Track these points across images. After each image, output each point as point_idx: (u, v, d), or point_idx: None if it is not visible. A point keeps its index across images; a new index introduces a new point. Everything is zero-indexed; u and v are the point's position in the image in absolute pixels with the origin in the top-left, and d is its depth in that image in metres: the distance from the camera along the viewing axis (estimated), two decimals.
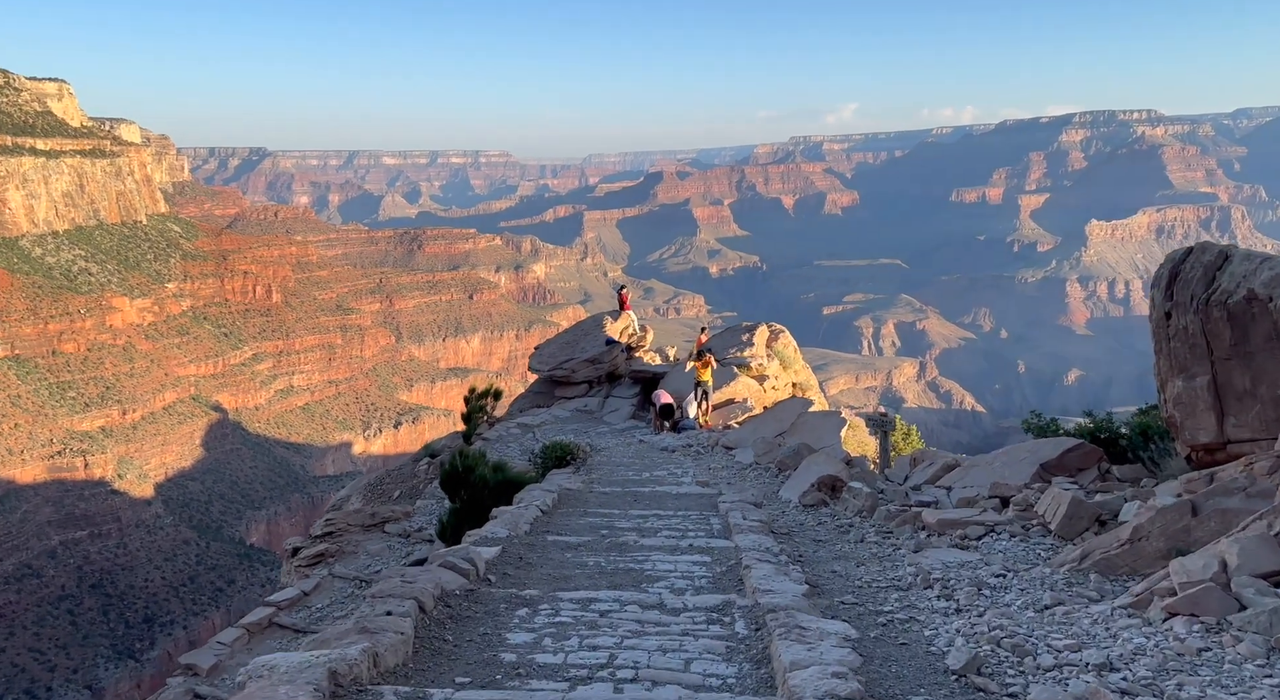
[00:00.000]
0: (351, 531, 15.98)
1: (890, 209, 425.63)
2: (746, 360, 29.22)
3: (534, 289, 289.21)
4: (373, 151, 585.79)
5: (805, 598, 6.31)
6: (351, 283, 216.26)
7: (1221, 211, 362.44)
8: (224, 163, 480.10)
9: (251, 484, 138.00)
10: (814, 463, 14.07)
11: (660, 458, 19.35)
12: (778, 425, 20.42)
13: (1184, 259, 9.44)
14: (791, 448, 16.01)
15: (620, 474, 16.74)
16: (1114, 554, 6.31)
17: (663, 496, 13.36)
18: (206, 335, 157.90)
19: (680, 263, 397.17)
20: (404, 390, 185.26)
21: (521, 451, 21.61)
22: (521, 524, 9.95)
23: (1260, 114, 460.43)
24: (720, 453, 19.18)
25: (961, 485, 11.74)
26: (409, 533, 15.85)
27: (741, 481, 15.61)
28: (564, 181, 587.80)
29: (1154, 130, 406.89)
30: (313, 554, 15.24)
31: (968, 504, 10.35)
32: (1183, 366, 8.92)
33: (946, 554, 7.88)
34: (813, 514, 12.16)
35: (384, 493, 23.15)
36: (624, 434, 24.21)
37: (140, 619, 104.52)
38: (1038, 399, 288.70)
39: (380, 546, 15.22)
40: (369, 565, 14.53)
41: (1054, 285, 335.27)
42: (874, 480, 13.34)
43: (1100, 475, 10.53)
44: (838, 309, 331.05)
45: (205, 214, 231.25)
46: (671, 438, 21.97)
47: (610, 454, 19.92)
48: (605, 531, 9.97)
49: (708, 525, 10.55)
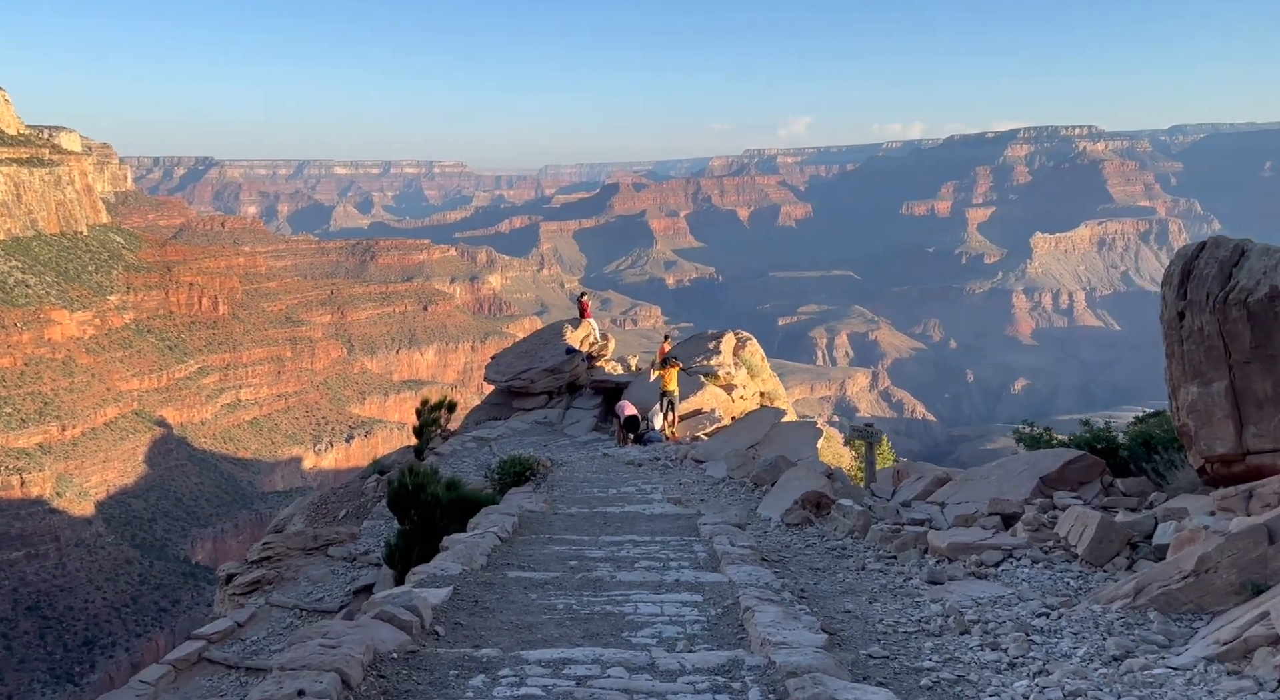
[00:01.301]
0: (291, 556, 15.02)
1: (842, 221, 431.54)
2: (713, 369, 28.33)
3: (490, 300, 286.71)
4: (324, 161, 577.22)
5: (826, 651, 5.37)
6: (301, 294, 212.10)
7: (1159, 224, 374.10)
8: (169, 172, 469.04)
9: (197, 501, 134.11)
10: (794, 477, 13.32)
11: (626, 472, 18.42)
12: (750, 436, 19.70)
13: (1197, 255, 8.80)
14: (768, 461, 15.20)
15: (585, 491, 15.69)
16: (1175, 588, 5.50)
17: (635, 518, 12.28)
18: (150, 348, 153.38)
19: (637, 274, 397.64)
20: (356, 403, 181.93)
21: (477, 467, 20.68)
22: (477, 556, 8.74)
23: (1194, 130, 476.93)
24: (690, 466, 18.33)
25: (955, 501, 11.09)
26: (354, 556, 15.02)
27: (716, 498, 14.75)
28: (520, 192, 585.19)
29: (1095, 145, 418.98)
30: (248, 581, 14.34)
31: (965, 522, 9.74)
32: (1198, 371, 8.33)
33: (971, 587, 7.10)
34: (798, 534, 11.31)
35: (329, 512, 22.08)
36: (587, 447, 23.23)
37: (79, 642, 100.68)
38: (986, 408, 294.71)
39: (323, 572, 14.37)
40: (310, 592, 13.74)
41: (1000, 296, 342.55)
42: (860, 496, 12.57)
43: (1104, 489, 9.98)
44: (792, 320, 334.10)
45: (149, 224, 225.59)
46: (637, 451, 21.06)
47: (573, 469, 18.94)
48: (575, 563, 8.82)
49: (691, 553, 9.48)
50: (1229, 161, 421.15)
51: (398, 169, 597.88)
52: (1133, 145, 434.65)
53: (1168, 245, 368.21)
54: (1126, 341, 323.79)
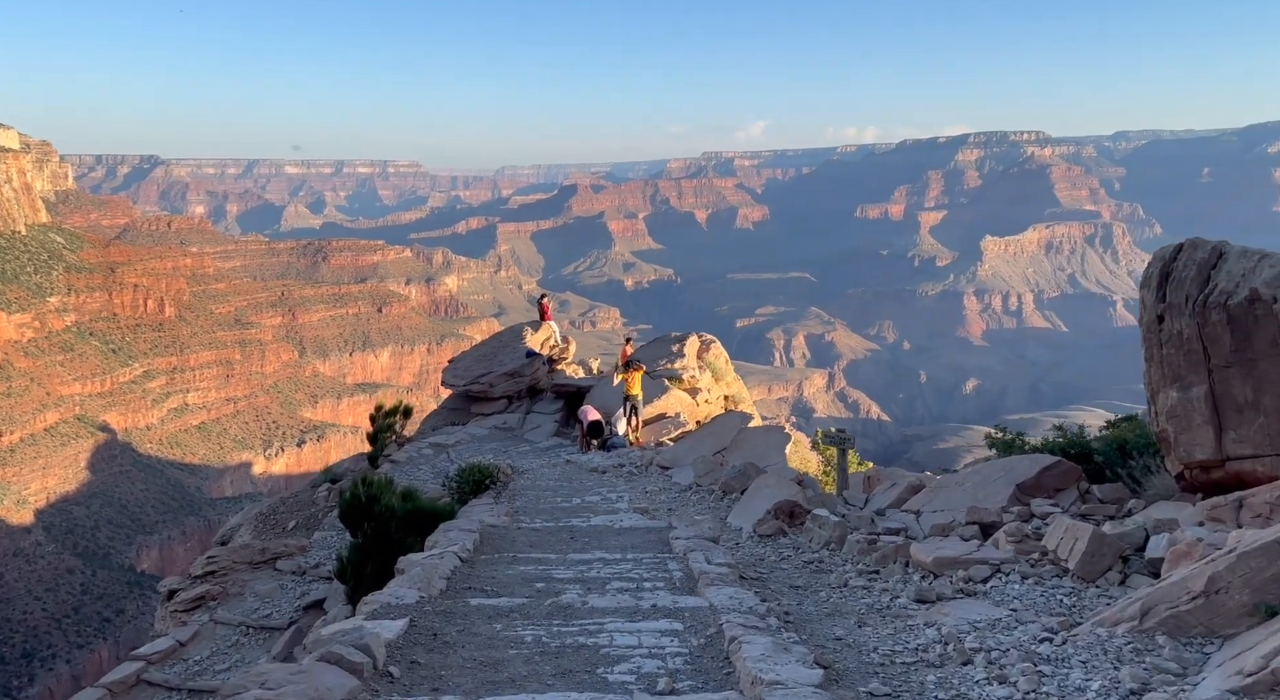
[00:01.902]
0: (238, 570, 14.40)
1: (799, 224, 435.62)
2: (677, 372, 27.68)
3: (446, 302, 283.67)
4: (274, 160, 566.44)
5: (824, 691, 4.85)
6: (251, 296, 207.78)
7: (1104, 228, 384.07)
8: (113, 171, 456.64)
9: (142, 507, 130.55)
10: (764, 485, 12.86)
11: (590, 480, 17.80)
12: (716, 442, 19.14)
13: (1175, 257, 8.63)
14: (737, 468, 14.70)
15: (548, 501, 15.00)
16: (1185, 610, 5.19)
17: (603, 532, 11.62)
18: (93, 352, 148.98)
19: (595, 276, 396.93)
20: (308, 407, 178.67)
21: (434, 474, 20.00)
22: (435, 580, 7.98)
23: (1137, 137, 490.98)
24: (655, 473, 17.81)
25: (931, 509, 10.76)
26: (304, 569, 14.39)
27: (684, 507, 14.23)
28: (476, 193, 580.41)
29: (1042, 151, 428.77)
30: (192, 597, 13.71)
31: (942, 531, 9.44)
32: (1177, 375, 8.13)
33: (964, 607, 6.66)
34: (772, 546, 10.85)
35: (278, 523, 21.34)
36: (548, 453, 22.56)
37: (18, 655, 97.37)
38: (939, 407, 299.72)
39: (271, 586, 13.78)
40: (258, 608, 13.15)
41: (952, 298, 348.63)
42: (833, 504, 12.28)
43: (1081, 496, 9.77)
44: (750, 321, 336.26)
45: (92, 224, 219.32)
46: (601, 457, 20.51)
47: (535, 477, 18.26)
48: (542, 586, 8.23)
49: (666, 572, 8.84)
50: (1170, 167, 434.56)
51: (351, 168, 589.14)
52: (1078, 151, 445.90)
53: (1112, 248, 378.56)
54: (1073, 342, 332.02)
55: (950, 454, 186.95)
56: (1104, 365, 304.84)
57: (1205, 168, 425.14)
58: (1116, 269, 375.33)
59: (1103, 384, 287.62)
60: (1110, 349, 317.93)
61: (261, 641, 12.04)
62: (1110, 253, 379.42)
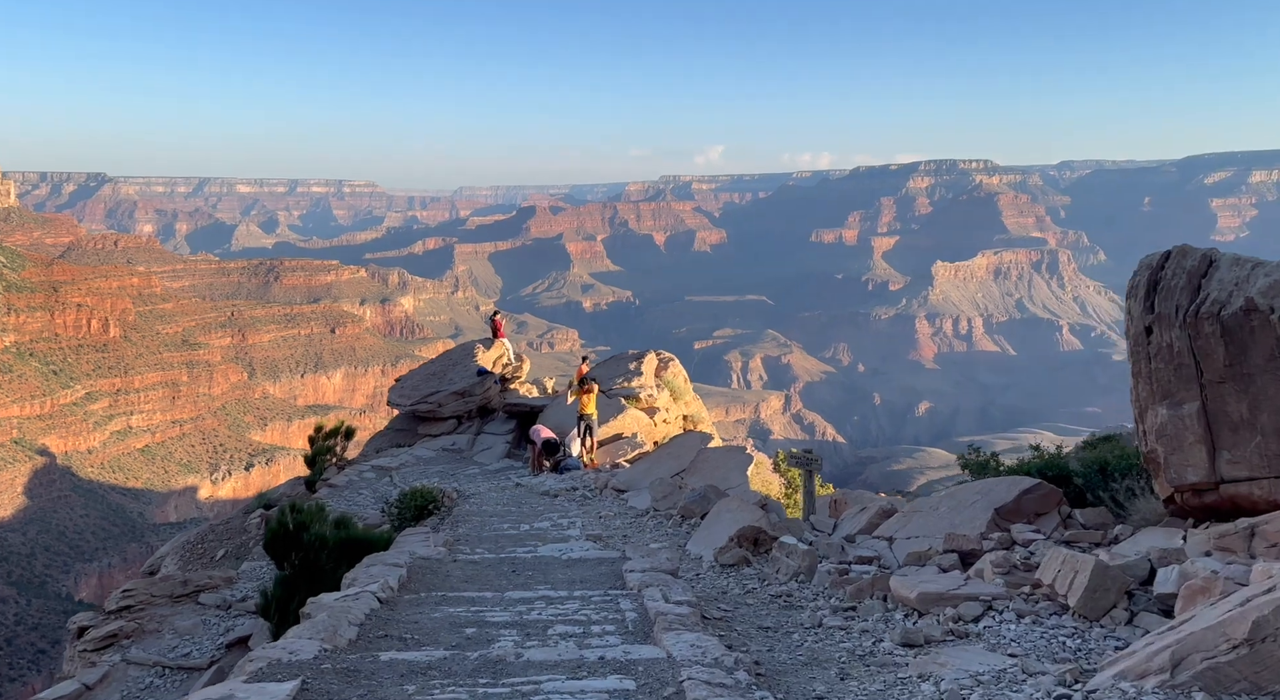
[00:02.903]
0: (157, 603, 13.33)
1: (755, 247, 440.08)
2: (634, 391, 26.74)
3: (402, 323, 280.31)
4: (226, 179, 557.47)
5: None
6: (200, 316, 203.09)
7: (1050, 254, 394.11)
8: (58, 188, 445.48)
9: (81, 534, 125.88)
10: (726, 509, 12.15)
11: (541, 504, 16.79)
12: (675, 463, 18.33)
13: (1163, 265, 8.21)
14: (697, 492, 13.92)
15: (493, 528, 14.06)
16: (1225, 661, 4.47)
17: (549, 564, 10.42)
18: (32, 373, 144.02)
19: (554, 297, 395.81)
20: (257, 430, 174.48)
21: (376, 499, 19.07)
22: (345, 628, 6.69)
23: (1080, 166, 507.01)
24: (610, 497, 16.94)
25: (905, 535, 10.20)
26: (229, 603, 13.43)
27: (641, 534, 13.40)
28: (433, 213, 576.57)
29: (990, 179, 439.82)
30: (103, 635, 12.53)
31: (918, 560, 8.85)
32: (1167, 392, 7.68)
33: (961, 654, 5.86)
34: (735, 577, 10.01)
35: (206, 552, 20.15)
36: (498, 476, 21.51)
37: None
38: (892, 429, 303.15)
39: (192, 622, 12.81)
40: (176, 647, 12.19)
41: (904, 322, 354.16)
42: (800, 530, 11.57)
43: (1062, 521, 9.33)
44: (708, 343, 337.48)
45: (35, 243, 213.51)
46: (553, 480, 19.57)
47: (481, 501, 17.25)
48: (472, 632, 7.06)
49: (618, 613, 7.65)
50: (1112, 196, 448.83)
51: (305, 188, 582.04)
52: (1025, 179, 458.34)
53: (1058, 275, 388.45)
54: (1020, 366, 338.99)
55: (904, 475, 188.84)
56: (1051, 388, 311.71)
57: (1146, 197, 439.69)
58: (1062, 294, 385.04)
59: (1049, 406, 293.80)
60: (1057, 372, 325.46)
61: (179, 683, 11.22)
62: (1056, 278, 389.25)
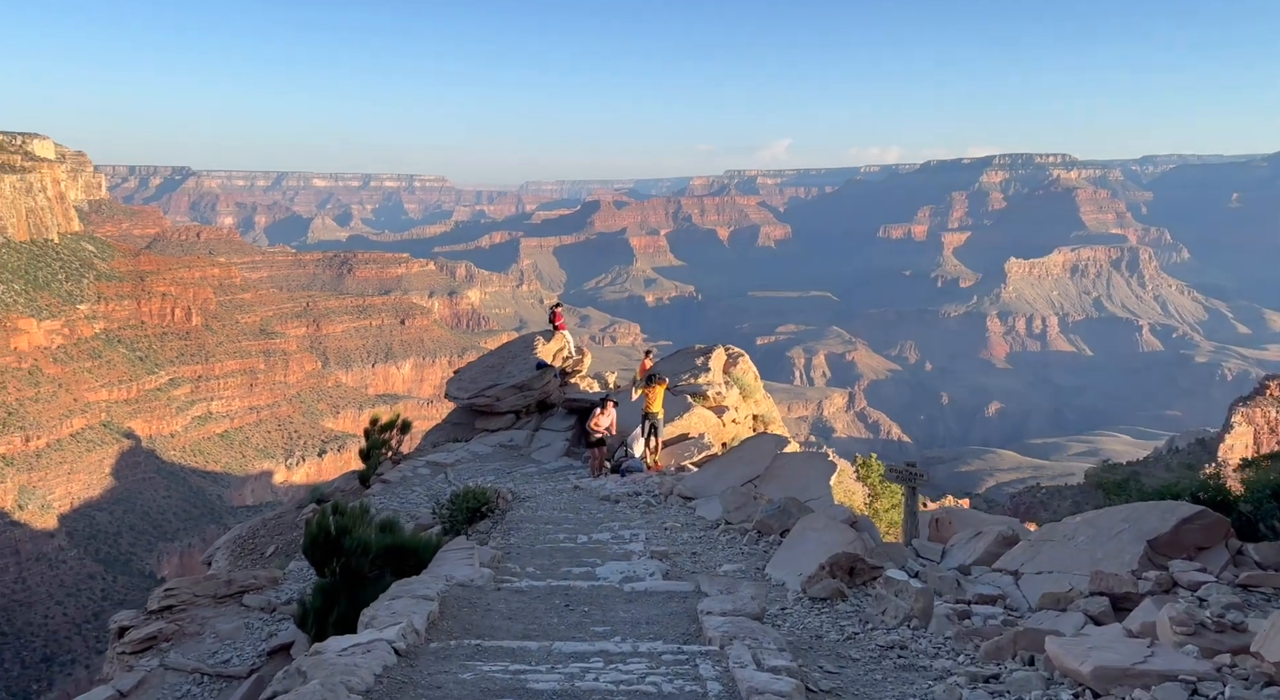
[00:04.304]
0: (199, 604, 12.51)
1: (820, 243, 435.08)
2: (702, 388, 24.69)
3: (468, 315, 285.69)
4: (302, 173, 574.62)
5: None
6: (277, 306, 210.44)
7: (1130, 252, 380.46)
8: (145, 181, 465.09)
9: (164, 514, 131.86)
10: (811, 528, 10.66)
11: (601, 511, 15.40)
12: (748, 469, 16.71)
13: None
14: (776, 505, 12.36)
15: (548, 538, 12.96)
16: None
17: (609, 597, 8.74)
18: (120, 359, 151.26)
19: (616, 291, 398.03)
20: (330, 417, 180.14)
21: (429, 497, 18.04)
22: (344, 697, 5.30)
23: (1164, 161, 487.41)
24: (676, 504, 15.60)
25: (1034, 570, 8.74)
26: (274, 606, 12.50)
27: (711, 551, 11.91)
28: (500, 208, 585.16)
29: (1068, 174, 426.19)
30: (143, 637, 11.74)
31: (1056, 602, 7.49)
32: None
33: None
34: (829, 615, 8.44)
35: (256, 548, 19.03)
36: (556, 476, 20.31)
37: (38, 659, 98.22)
38: (960, 430, 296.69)
39: (235, 625, 11.93)
40: (216, 652, 11.31)
41: (975, 320, 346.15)
42: (902, 557, 10.09)
43: (1232, 557, 7.88)
44: (771, 339, 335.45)
45: (123, 233, 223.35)
46: (614, 483, 18.15)
47: (537, 504, 16.16)
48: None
49: (697, 683, 5.99)
50: (1197, 192, 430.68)
51: (377, 182, 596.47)
52: (1105, 174, 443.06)
53: (1139, 273, 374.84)
54: (1098, 366, 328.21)
55: (973, 477, 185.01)
56: (1129, 391, 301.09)
57: (1234, 193, 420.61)
58: (1143, 293, 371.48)
59: (1127, 409, 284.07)
60: (1136, 374, 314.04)
61: (217, 692, 10.58)
62: (1136, 277, 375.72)
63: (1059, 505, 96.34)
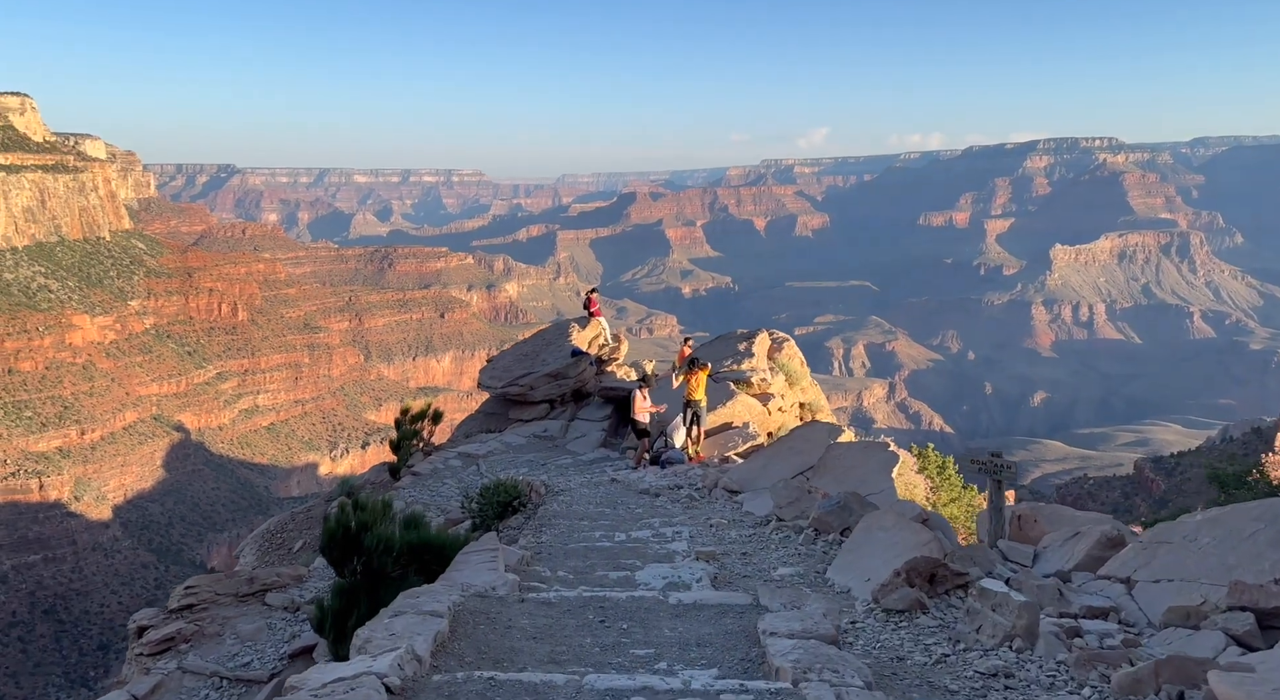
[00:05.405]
0: (220, 603, 11.89)
1: (859, 232, 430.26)
2: (745, 374, 23.49)
3: (506, 308, 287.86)
4: (344, 169, 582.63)
5: None
6: (320, 301, 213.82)
7: (1181, 237, 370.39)
8: (191, 179, 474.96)
9: (213, 506, 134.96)
10: (877, 526, 9.36)
11: (640, 506, 14.40)
12: (799, 460, 15.44)
13: None
14: (835, 500, 11.02)
15: (583, 535, 11.76)
16: None
17: (651, 611, 7.28)
18: (169, 354, 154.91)
19: (653, 283, 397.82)
20: (372, 410, 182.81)
21: (459, 489, 17.23)
22: None
23: (1216, 143, 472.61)
24: (722, 498, 14.56)
25: (1149, 577, 7.65)
26: (297, 605, 11.87)
27: (763, 551, 10.62)
28: (537, 201, 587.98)
29: (1115, 157, 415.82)
30: (161, 637, 11.15)
31: (1186, 618, 6.50)
32: None
33: None
34: (909, 631, 7.07)
35: (284, 543, 18.33)
36: (592, 468, 19.42)
37: (95, 646, 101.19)
38: (1004, 420, 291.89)
39: (256, 625, 11.35)
40: (236, 654, 10.74)
41: (1019, 308, 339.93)
42: (988, 561, 8.79)
43: None
44: (809, 330, 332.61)
45: (171, 231, 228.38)
46: (654, 475, 17.15)
47: (572, 499, 15.12)
48: None
49: None
50: (1251, 174, 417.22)
51: (417, 177, 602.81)
52: (1153, 157, 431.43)
53: (1189, 258, 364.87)
54: (1147, 354, 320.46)
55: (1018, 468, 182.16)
56: (1180, 379, 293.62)
57: None
58: (1194, 279, 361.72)
59: (1177, 398, 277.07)
60: (1187, 362, 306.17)
61: (236, 697, 10.06)
62: (1187, 262, 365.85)
63: (1107, 496, 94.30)
